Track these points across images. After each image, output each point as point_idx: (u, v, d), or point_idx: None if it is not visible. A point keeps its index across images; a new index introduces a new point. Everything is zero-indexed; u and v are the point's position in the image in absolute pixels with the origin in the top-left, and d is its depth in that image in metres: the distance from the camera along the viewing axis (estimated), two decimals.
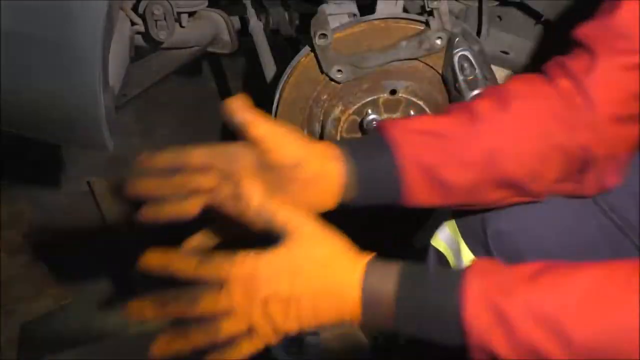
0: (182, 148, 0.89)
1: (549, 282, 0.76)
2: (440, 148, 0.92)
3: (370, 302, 0.79)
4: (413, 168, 0.91)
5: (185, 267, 0.80)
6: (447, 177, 0.92)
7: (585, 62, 0.93)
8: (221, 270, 0.79)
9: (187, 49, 1.58)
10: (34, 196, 2.16)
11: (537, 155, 0.93)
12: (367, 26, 1.36)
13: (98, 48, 1.06)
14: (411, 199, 0.94)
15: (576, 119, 0.92)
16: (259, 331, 0.80)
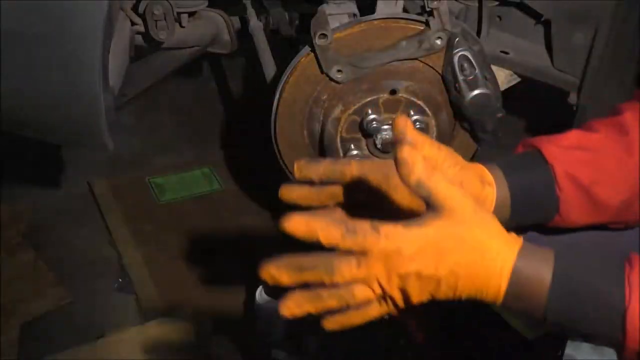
0: (337, 161, 0.87)
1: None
2: (595, 165, 0.93)
3: (519, 288, 0.77)
4: (569, 185, 0.92)
5: (331, 236, 0.75)
6: (602, 195, 0.93)
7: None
8: (366, 243, 0.74)
9: (187, 49, 1.58)
10: (34, 196, 2.16)
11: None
12: (367, 26, 1.36)
13: (98, 48, 1.06)
14: (566, 218, 0.94)
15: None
16: (391, 300, 0.78)
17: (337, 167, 0.87)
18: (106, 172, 2.28)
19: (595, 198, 0.93)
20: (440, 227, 0.75)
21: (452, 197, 0.75)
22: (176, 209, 2.14)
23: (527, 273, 0.77)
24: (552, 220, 0.95)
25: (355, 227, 0.74)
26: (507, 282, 0.76)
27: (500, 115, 1.42)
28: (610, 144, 0.95)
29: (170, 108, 2.67)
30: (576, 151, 0.94)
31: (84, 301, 1.84)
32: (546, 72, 1.58)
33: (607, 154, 0.94)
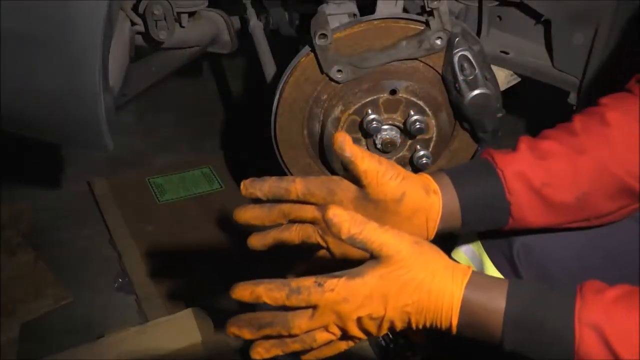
0: (282, 178, 0.91)
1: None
2: (545, 167, 0.94)
3: (472, 320, 0.79)
4: (519, 188, 0.93)
5: (276, 298, 0.81)
6: (554, 196, 0.94)
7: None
8: (312, 299, 0.79)
9: (187, 49, 1.58)
10: (34, 196, 2.16)
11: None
12: (367, 26, 1.36)
13: (98, 48, 1.06)
14: (520, 220, 0.95)
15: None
16: (353, 337, 0.82)
17: (282, 185, 0.90)
18: (106, 172, 2.28)
19: (548, 199, 0.94)
20: (381, 275, 0.79)
21: (387, 244, 0.78)
22: (176, 209, 2.13)
23: (478, 306, 0.79)
24: (507, 224, 0.96)
25: (299, 286, 0.79)
26: (457, 315, 0.79)
27: (500, 115, 1.42)
28: (559, 146, 0.96)
29: (170, 108, 2.67)
30: (525, 155, 0.95)
31: (84, 301, 1.84)
32: (546, 72, 1.58)
33: (557, 155, 0.95)
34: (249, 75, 2.85)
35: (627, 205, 0.98)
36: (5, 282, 1.84)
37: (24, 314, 1.77)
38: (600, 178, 0.95)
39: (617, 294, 0.77)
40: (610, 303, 0.77)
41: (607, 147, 0.95)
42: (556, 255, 1.03)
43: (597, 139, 0.96)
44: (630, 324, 0.75)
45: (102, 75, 1.09)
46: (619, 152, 0.95)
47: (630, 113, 0.97)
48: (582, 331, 0.75)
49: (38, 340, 1.73)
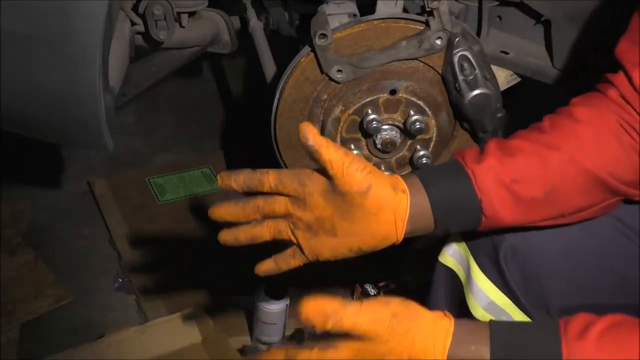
0: (256, 171, 0.93)
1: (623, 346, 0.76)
2: (513, 164, 0.94)
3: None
4: (489, 185, 0.93)
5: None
6: (523, 191, 0.94)
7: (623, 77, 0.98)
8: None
9: (187, 49, 1.58)
10: (34, 196, 2.16)
11: (614, 152, 0.95)
12: (367, 26, 1.36)
13: (98, 48, 1.06)
14: (493, 218, 0.95)
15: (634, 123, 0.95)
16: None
17: (256, 176, 0.93)
18: (106, 172, 2.28)
19: (518, 195, 0.94)
20: (357, 349, 0.79)
21: (362, 325, 0.78)
22: (176, 209, 2.14)
23: (466, 353, 0.79)
24: (480, 223, 0.96)
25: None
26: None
27: (500, 115, 1.42)
28: (527, 143, 0.96)
29: (170, 108, 2.67)
30: (494, 153, 0.95)
31: (84, 301, 1.84)
32: (546, 72, 1.58)
33: (525, 151, 0.95)
34: (249, 75, 2.84)
35: (601, 200, 0.98)
36: (5, 282, 1.84)
37: (24, 314, 1.77)
38: (570, 172, 0.95)
39: (604, 328, 0.77)
40: (597, 343, 0.76)
41: (576, 141, 0.95)
42: (543, 256, 1.03)
43: (566, 134, 0.96)
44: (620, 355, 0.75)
45: (102, 75, 1.09)
46: (588, 145, 0.95)
47: (598, 109, 0.97)
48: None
49: (38, 340, 1.73)
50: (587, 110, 0.98)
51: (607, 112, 0.97)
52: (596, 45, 1.49)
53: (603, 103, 0.98)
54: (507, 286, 1.04)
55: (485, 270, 1.07)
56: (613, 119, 0.97)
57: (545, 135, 0.97)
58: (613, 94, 0.98)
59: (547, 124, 0.99)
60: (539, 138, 0.97)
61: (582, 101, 1.01)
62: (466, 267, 1.10)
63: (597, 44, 1.49)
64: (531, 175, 0.95)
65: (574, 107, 0.99)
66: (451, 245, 1.14)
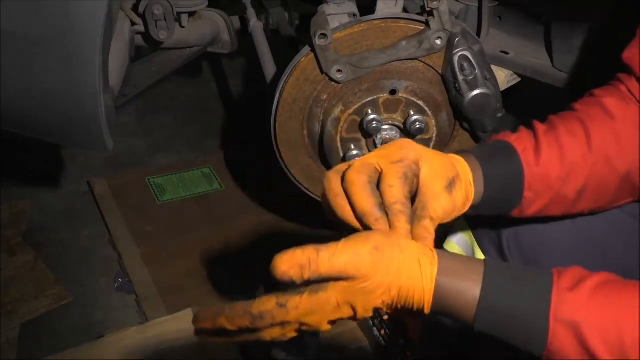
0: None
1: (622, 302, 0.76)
2: (562, 160, 0.95)
3: (445, 305, 0.78)
4: (539, 186, 0.94)
5: (240, 325, 0.78)
6: (564, 190, 0.95)
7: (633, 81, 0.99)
8: (276, 320, 0.77)
9: (187, 49, 1.58)
10: (34, 196, 2.16)
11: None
12: (367, 26, 1.36)
13: (98, 48, 1.06)
14: (523, 212, 0.96)
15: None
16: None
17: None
18: (106, 172, 2.28)
19: (559, 193, 0.95)
20: (344, 288, 0.76)
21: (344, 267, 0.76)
22: (176, 209, 2.14)
23: (451, 295, 0.78)
24: (510, 214, 0.97)
25: (261, 311, 0.76)
26: (429, 305, 0.78)
27: (500, 115, 1.42)
28: (571, 138, 0.97)
29: (170, 108, 2.67)
30: (545, 149, 0.96)
31: (84, 301, 1.84)
32: (546, 72, 1.58)
33: (570, 148, 0.96)
34: (249, 75, 2.85)
35: (621, 199, 1.00)
36: (5, 282, 1.84)
37: (24, 314, 1.77)
38: (603, 172, 0.96)
39: (597, 284, 0.76)
40: (588, 297, 0.75)
41: (614, 142, 0.96)
42: (545, 243, 1.04)
43: (604, 131, 0.97)
44: (608, 320, 0.74)
45: (102, 75, 1.09)
46: (623, 146, 0.96)
47: (626, 102, 0.98)
48: (556, 327, 0.74)
49: (38, 340, 1.73)
50: (617, 103, 0.98)
51: (632, 105, 0.98)
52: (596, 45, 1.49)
53: (627, 96, 0.99)
54: None
55: (487, 254, 1.08)
56: (636, 109, 0.98)
57: (586, 131, 0.97)
58: (627, 89, 0.99)
59: (585, 116, 0.99)
60: (581, 134, 0.97)
61: (611, 93, 1.00)
62: (470, 253, 1.10)
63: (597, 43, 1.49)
64: (574, 173, 0.96)
65: (605, 100, 0.99)
66: (456, 233, 1.14)
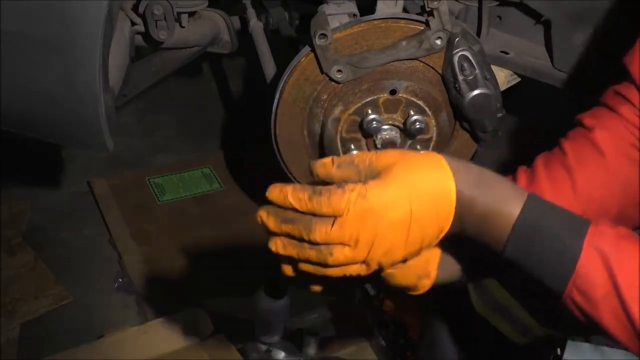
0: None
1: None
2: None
3: (481, 221, 0.79)
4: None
5: (299, 197, 0.80)
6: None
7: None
8: (332, 201, 0.78)
9: (187, 49, 1.58)
10: (34, 196, 2.16)
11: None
12: (367, 26, 1.36)
13: (98, 48, 1.06)
14: None
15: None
16: (370, 263, 0.81)
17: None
18: (106, 172, 2.28)
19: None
20: (393, 177, 0.78)
21: (390, 158, 0.80)
22: (176, 209, 2.14)
23: (495, 205, 0.79)
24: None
25: (322, 189, 0.79)
26: (471, 212, 0.79)
27: (500, 115, 1.42)
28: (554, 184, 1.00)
29: (170, 108, 2.67)
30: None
31: (84, 301, 1.84)
32: (546, 72, 1.58)
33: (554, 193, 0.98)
34: (249, 75, 2.85)
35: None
36: (5, 282, 1.84)
37: (24, 314, 1.77)
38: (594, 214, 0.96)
39: (629, 232, 0.78)
40: (622, 237, 0.77)
41: (603, 182, 0.98)
42: None
43: (593, 172, 0.99)
44: (636, 262, 0.76)
45: (102, 75, 1.09)
46: (615, 184, 0.98)
47: (617, 133, 1.00)
48: (588, 251, 0.76)
49: (38, 340, 1.73)
50: (607, 136, 0.99)
51: (625, 135, 0.99)
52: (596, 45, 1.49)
53: (619, 124, 1.00)
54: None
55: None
56: (630, 141, 0.98)
57: (571, 176, 0.99)
58: (628, 112, 0.99)
59: (572, 157, 1.01)
60: (567, 179, 0.99)
61: (598, 123, 1.01)
62: None
63: (597, 43, 1.49)
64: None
65: (593, 133, 1.00)
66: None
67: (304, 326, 1.76)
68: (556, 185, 0.99)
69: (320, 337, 1.71)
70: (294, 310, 1.77)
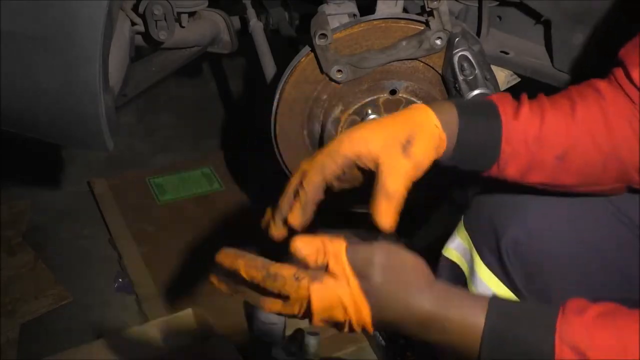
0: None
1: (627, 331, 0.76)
2: (543, 125, 0.96)
3: (447, 334, 0.79)
4: (516, 140, 0.95)
5: (253, 275, 0.81)
6: (540, 152, 0.95)
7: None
8: (284, 289, 0.80)
9: (187, 49, 1.58)
10: (34, 196, 2.16)
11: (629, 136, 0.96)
12: (367, 26, 1.36)
13: (98, 48, 1.06)
14: (502, 170, 0.97)
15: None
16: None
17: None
18: (106, 172, 2.28)
19: (536, 157, 0.96)
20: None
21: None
22: (176, 209, 2.14)
23: (455, 322, 0.78)
24: (489, 169, 0.97)
25: (277, 273, 0.80)
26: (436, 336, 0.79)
27: None
28: (554, 106, 0.98)
29: (170, 108, 2.67)
30: (528, 113, 0.97)
31: (84, 301, 1.84)
32: (546, 72, 1.58)
33: (551, 113, 0.97)
34: (249, 75, 2.85)
35: (607, 183, 1.00)
36: (5, 282, 1.84)
37: (24, 314, 1.77)
38: (586, 146, 0.96)
39: (600, 312, 0.76)
40: (592, 322, 0.75)
41: (600, 118, 0.96)
42: (545, 249, 1.03)
43: (591, 107, 0.97)
44: (612, 346, 0.74)
45: (102, 75, 1.09)
46: (608, 125, 0.96)
47: (618, 89, 0.99)
48: (562, 349, 0.74)
49: (38, 340, 1.73)
50: (608, 87, 0.99)
51: (622, 93, 0.98)
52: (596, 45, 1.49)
53: (618, 87, 1.00)
54: (510, 279, 1.04)
55: (488, 263, 1.07)
56: (626, 101, 0.98)
57: (572, 103, 0.98)
58: (613, 81, 1.00)
59: (575, 93, 1.00)
60: (567, 105, 0.98)
61: (603, 79, 1.02)
62: (469, 260, 1.10)
63: (597, 43, 1.49)
64: (552, 137, 0.96)
65: (598, 82, 1.00)
66: (455, 239, 1.14)
67: (304, 326, 1.76)
68: (557, 105, 0.98)
69: (320, 337, 1.71)
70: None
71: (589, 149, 0.96)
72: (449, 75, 1.37)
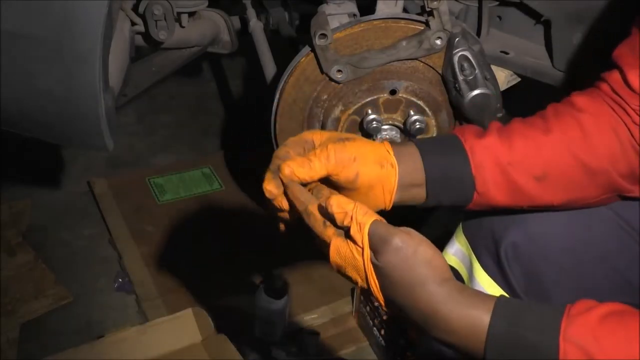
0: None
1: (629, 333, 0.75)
2: (511, 146, 0.96)
3: (454, 335, 0.79)
4: (486, 161, 0.95)
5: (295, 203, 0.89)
6: (515, 175, 0.96)
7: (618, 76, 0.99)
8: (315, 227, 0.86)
9: (187, 49, 1.58)
10: (34, 196, 2.16)
11: (612, 145, 0.96)
12: (367, 26, 1.36)
13: (98, 48, 1.06)
14: (485, 195, 0.97)
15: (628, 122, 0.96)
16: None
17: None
18: (106, 172, 2.29)
19: (511, 177, 0.96)
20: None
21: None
22: (176, 209, 2.14)
23: (461, 324, 0.78)
24: (472, 199, 0.98)
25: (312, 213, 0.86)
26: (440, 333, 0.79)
27: (500, 115, 1.42)
28: (529, 129, 0.98)
29: (170, 108, 2.67)
30: (495, 135, 0.97)
31: (84, 301, 1.84)
32: (546, 72, 1.58)
33: (525, 136, 0.97)
34: (249, 75, 2.85)
35: (595, 195, 1.00)
36: (5, 282, 1.84)
37: (24, 314, 1.77)
38: (566, 161, 0.96)
39: (605, 313, 0.76)
40: (598, 322, 0.75)
41: (576, 131, 0.97)
42: (544, 254, 1.03)
43: (567, 122, 0.98)
44: (619, 346, 0.74)
45: (102, 75, 1.09)
46: (588, 137, 0.96)
47: (597, 99, 0.99)
48: (566, 349, 0.74)
49: (38, 340, 1.73)
50: (587, 100, 0.99)
51: (604, 104, 0.98)
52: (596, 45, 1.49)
53: (599, 95, 1.00)
54: (509, 284, 1.04)
55: (487, 268, 1.07)
56: (610, 110, 0.98)
57: (546, 123, 0.99)
58: (606, 88, 1.00)
59: (551, 112, 1.01)
60: (541, 124, 0.99)
61: (582, 93, 1.02)
62: (468, 264, 1.10)
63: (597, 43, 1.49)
64: (526, 160, 0.96)
65: (575, 97, 1.01)
66: (453, 244, 1.14)
67: (304, 326, 1.76)
68: (529, 124, 0.99)
69: (320, 337, 1.72)
70: (293, 310, 1.78)
71: (569, 164, 0.96)
72: (449, 75, 1.37)
